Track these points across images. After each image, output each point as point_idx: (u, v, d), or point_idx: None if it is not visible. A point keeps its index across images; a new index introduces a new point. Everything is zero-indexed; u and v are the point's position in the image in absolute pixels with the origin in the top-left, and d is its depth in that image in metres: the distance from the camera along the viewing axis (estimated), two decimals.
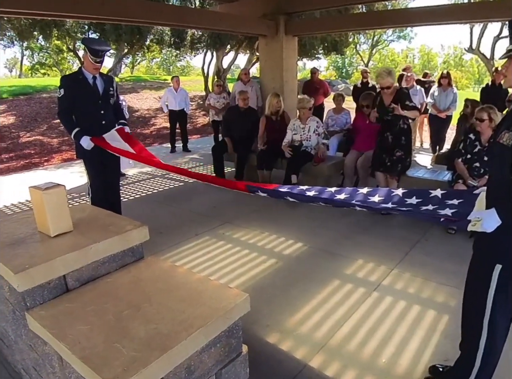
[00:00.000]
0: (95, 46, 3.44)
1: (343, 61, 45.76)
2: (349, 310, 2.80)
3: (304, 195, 2.21)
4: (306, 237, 4.06)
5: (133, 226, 2.07)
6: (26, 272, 1.66)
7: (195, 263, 3.56)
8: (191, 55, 17.09)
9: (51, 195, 1.91)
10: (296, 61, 7.71)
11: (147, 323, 1.56)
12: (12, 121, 12.30)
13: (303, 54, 15.48)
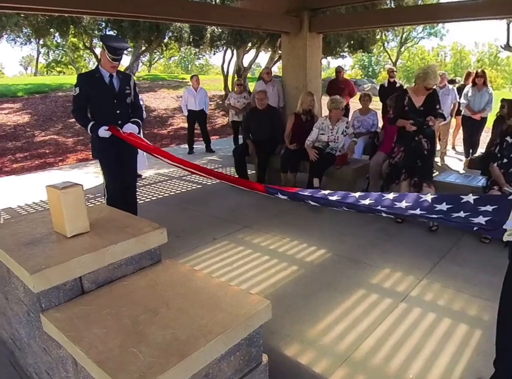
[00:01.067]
0: (113, 44, 3.50)
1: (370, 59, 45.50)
2: (374, 321, 2.77)
3: (327, 199, 2.19)
4: (330, 243, 4.04)
5: (151, 228, 2.09)
6: (42, 272, 1.70)
7: (213, 268, 3.58)
8: (210, 53, 17.26)
9: (68, 194, 1.96)
10: (320, 59, 7.70)
11: (164, 328, 1.58)
12: (27, 120, 12.60)
13: (327, 52, 15.44)
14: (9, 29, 12.04)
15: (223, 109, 14.81)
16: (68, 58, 30.58)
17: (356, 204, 2.09)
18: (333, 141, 5.30)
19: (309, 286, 3.25)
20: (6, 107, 13.34)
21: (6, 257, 1.95)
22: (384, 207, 2.01)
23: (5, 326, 2.55)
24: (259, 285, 3.27)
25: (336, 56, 17.91)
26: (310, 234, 4.26)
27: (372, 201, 2.09)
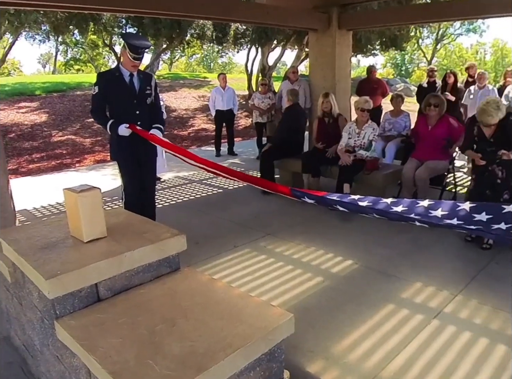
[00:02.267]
0: (134, 42, 3.56)
1: (403, 57, 45.05)
2: (404, 338, 2.74)
3: (356, 204, 2.18)
4: (357, 254, 4.01)
5: (170, 234, 2.12)
6: (57, 278, 1.74)
7: (233, 278, 3.59)
8: (234, 51, 17.41)
9: (86, 198, 2.00)
10: (350, 58, 7.68)
11: (182, 339, 1.59)
12: (44, 119, 12.92)
13: (357, 50, 15.38)
14: (27, 26, 12.39)
15: (246, 110, 14.88)
16: (87, 56, 31.28)
17: (388, 211, 2.06)
18: (360, 147, 5.26)
19: (334, 298, 3.23)
20: (24, 106, 13.71)
21: (21, 261, 2.00)
22: (418, 215, 1.98)
23: (18, 332, 2.61)
24: (282, 297, 3.27)
25: (367, 54, 17.83)
26: (337, 243, 4.24)
27: (405, 208, 2.06)
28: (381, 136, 6.45)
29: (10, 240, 2.21)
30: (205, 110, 14.69)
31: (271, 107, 8.19)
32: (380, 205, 2.14)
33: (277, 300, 3.21)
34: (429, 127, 5.09)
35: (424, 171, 4.84)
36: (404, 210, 2.04)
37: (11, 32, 13.88)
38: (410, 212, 2.02)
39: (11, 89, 15.19)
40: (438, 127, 5.04)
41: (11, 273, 2.32)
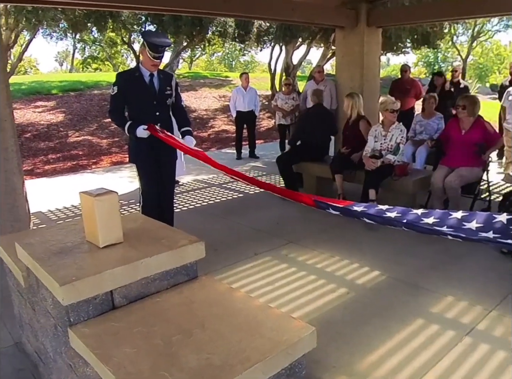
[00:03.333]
0: (154, 40, 3.59)
1: (436, 55, 44.48)
2: (434, 356, 2.70)
3: (383, 216, 2.16)
4: (385, 264, 3.97)
5: (188, 240, 2.14)
6: (72, 284, 1.78)
7: (253, 287, 3.60)
8: (256, 49, 17.44)
9: (103, 202, 2.03)
10: (379, 56, 7.63)
11: (198, 351, 1.61)
12: (60, 119, 13.19)
13: (387, 48, 15.25)
14: (45, 23, 12.66)
15: (269, 111, 14.91)
16: (105, 54, 31.80)
17: (418, 223, 2.04)
18: (387, 150, 5.22)
19: (359, 312, 3.21)
20: (40, 105, 14.02)
21: (35, 265, 2.04)
22: (450, 227, 1.95)
23: (30, 338, 2.67)
24: (303, 308, 3.26)
25: (397, 53, 17.66)
26: (363, 253, 4.21)
27: (436, 219, 2.03)
28: (411, 139, 6.40)
29: (25, 244, 2.27)
30: (226, 111, 14.78)
31: (294, 109, 8.19)
32: (409, 215, 2.11)
33: (298, 311, 3.21)
34: (462, 131, 4.99)
35: (455, 180, 4.75)
36: (436, 221, 2.01)
37: (28, 30, 14.20)
38: (442, 223, 1.99)
39: (28, 88, 15.56)
40: (472, 132, 4.93)
41: (25, 278, 2.38)
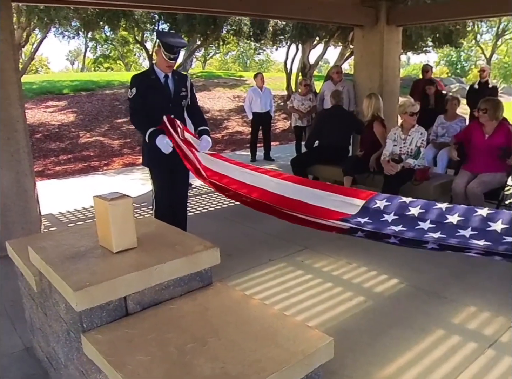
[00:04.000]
0: (170, 40, 3.62)
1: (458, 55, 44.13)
2: (454, 369, 2.68)
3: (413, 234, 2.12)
4: (404, 272, 3.96)
5: (203, 246, 2.16)
6: (86, 290, 1.81)
7: (267, 294, 3.61)
8: (272, 48, 17.48)
9: (117, 206, 2.06)
10: (399, 56, 7.61)
11: (213, 360, 1.62)
12: (72, 119, 13.36)
13: (407, 47, 15.18)
14: (57, 22, 12.84)
15: (285, 112, 14.93)
16: (117, 52, 32.11)
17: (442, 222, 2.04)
18: (406, 154, 5.20)
19: (377, 321, 3.20)
20: (51, 105, 14.21)
21: (48, 270, 2.08)
22: (475, 229, 1.95)
23: (41, 344, 2.71)
24: (319, 317, 3.27)
25: (418, 52, 17.56)
26: (381, 260, 4.19)
27: (461, 217, 2.02)
28: (433, 142, 6.37)
29: (38, 247, 2.31)
30: (240, 112, 14.84)
31: (311, 110, 8.19)
32: (432, 212, 2.12)
33: (314, 320, 3.21)
34: (485, 136, 4.92)
35: (477, 186, 4.71)
36: (460, 220, 2.01)
37: (40, 29, 14.42)
38: (466, 223, 1.99)
39: (39, 88, 15.78)
40: (496, 136, 4.87)
41: (37, 282, 2.42)
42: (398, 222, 2.19)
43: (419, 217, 2.13)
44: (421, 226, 2.10)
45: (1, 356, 2.89)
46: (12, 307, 3.46)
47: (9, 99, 4.32)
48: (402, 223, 2.17)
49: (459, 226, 1.99)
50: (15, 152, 4.43)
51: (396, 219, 2.20)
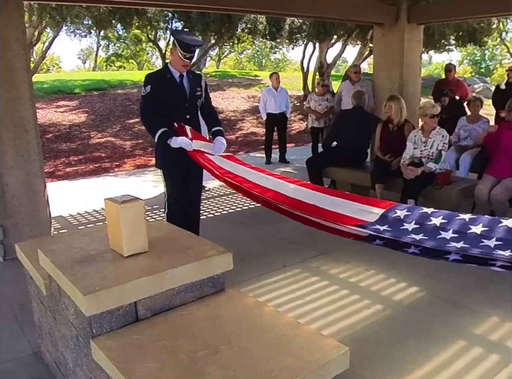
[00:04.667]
0: (186, 40, 3.62)
1: (483, 53, 43.72)
2: None
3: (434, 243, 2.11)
4: (424, 280, 3.93)
5: (216, 251, 2.17)
6: (96, 294, 1.83)
7: (281, 301, 3.61)
8: (288, 47, 17.49)
9: (128, 209, 2.08)
10: (421, 55, 7.58)
11: (225, 368, 1.63)
12: (83, 119, 13.50)
13: (429, 45, 15.11)
14: (69, 20, 13.00)
15: (301, 113, 14.92)
16: (130, 51, 32.38)
17: (466, 232, 2.04)
18: (427, 157, 5.17)
19: (395, 330, 3.18)
20: (62, 105, 14.38)
21: (58, 274, 2.11)
22: (501, 240, 1.94)
23: (50, 348, 2.74)
24: (335, 325, 3.26)
25: (440, 50, 17.46)
26: (400, 267, 4.16)
27: (485, 228, 2.01)
28: (455, 145, 6.32)
29: (47, 250, 2.34)
30: (255, 112, 14.86)
31: (328, 111, 8.18)
32: (455, 222, 2.11)
33: (330, 328, 3.20)
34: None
35: (501, 192, 4.65)
36: (485, 230, 2.00)
37: (52, 27, 14.61)
38: (491, 233, 1.98)
39: (50, 87, 15.98)
40: None
41: (46, 286, 2.45)
42: (418, 231, 2.18)
43: (441, 227, 2.12)
44: (443, 235, 2.09)
45: (9, 360, 2.93)
46: (21, 311, 3.50)
47: (20, 99, 4.38)
48: (423, 232, 2.17)
49: (483, 236, 1.98)
50: (25, 153, 4.49)
51: (417, 228, 2.20)
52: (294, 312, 3.42)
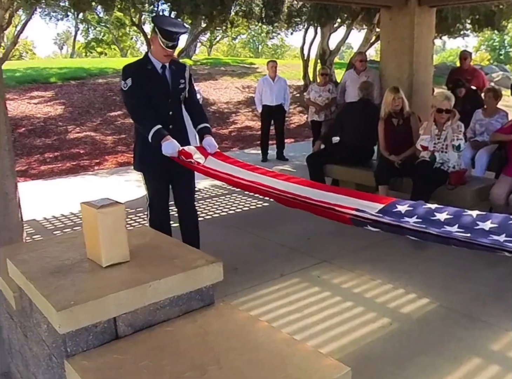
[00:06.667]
0: (168, 27, 3.54)
1: (502, 39, 43.86)
2: None
3: (437, 230, 2.16)
4: (435, 291, 3.94)
5: (205, 261, 2.16)
6: (71, 309, 1.82)
7: (277, 314, 3.61)
8: (287, 31, 17.51)
9: (107, 215, 2.07)
10: (433, 40, 7.58)
11: None
12: (59, 112, 13.46)
13: (443, 30, 15.15)
14: (44, 2, 12.95)
15: (301, 105, 14.93)
16: (112, 36, 32.35)
17: (473, 229, 2.08)
18: (441, 152, 5.17)
19: (404, 347, 3.19)
20: (37, 95, 14.33)
21: (29, 286, 2.10)
22: (511, 236, 1.96)
23: (20, 368, 2.73)
24: (337, 341, 3.26)
25: (455, 36, 17.51)
26: (410, 276, 4.18)
27: (494, 224, 2.04)
28: (470, 141, 6.33)
29: (18, 260, 2.32)
30: (250, 104, 14.86)
31: (330, 103, 8.18)
32: (463, 219, 2.14)
33: (331, 345, 3.21)
34: None
35: None
36: (494, 227, 2.03)
37: (25, 9, 14.57)
38: (501, 230, 2.00)
39: (23, 76, 15.93)
40: None
41: (16, 299, 2.43)
42: (421, 224, 2.20)
43: (446, 222, 2.14)
44: (448, 229, 2.11)
45: None
46: None
47: None
48: (426, 225, 2.19)
49: (491, 232, 2.00)
50: None
51: (419, 221, 2.21)
52: (291, 326, 3.42)
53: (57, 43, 51.77)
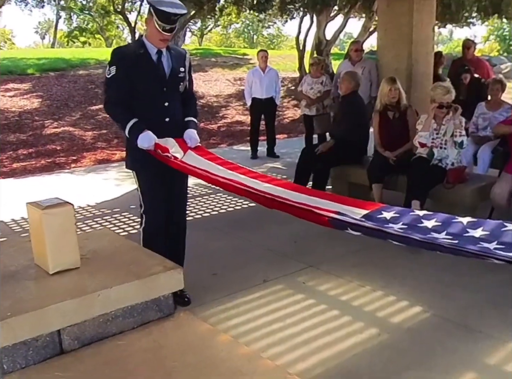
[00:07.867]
0: (165, 7, 3.36)
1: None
2: None
3: (422, 236, 2.15)
4: (429, 298, 3.89)
5: (163, 267, 2.11)
6: (6, 321, 1.75)
7: (257, 324, 3.54)
8: (281, 20, 17.49)
9: (53, 216, 2.00)
10: (433, 29, 7.54)
11: None
12: (36, 105, 13.41)
13: (446, 18, 15.13)
14: None
15: (295, 98, 14.89)
16: (96, 25, 32.28)
17: (462, 236, 2.08)
18: (439, 148, 5.12)
19: (393, 360, 3.13)
20: (12, 88, 14.29)
21: None
22: (503, 244, 1.95)
23: None
24: (320, 353, 3.19)
25: (461, 24, 17.53)
26: (402, 283, 4.14)
27: (486, 231, 2.02)
28: (472, 136, 6.29)
29: None
30: (241, 97, 14.83)
31: (322, 96, 8.12)
32: (452, 227, 2.15)
33: (312, 358, 3.13)
34: None
35: None
36: (485, 234, 2.03)
37: None
38: (492, 238, 2.01)
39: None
40: None
41: None
42: (405, 230, 2.20)
43: (433, 229, 2.13)
44: (434, 235, 2.11)
45: None
46: None
47: None
48: (411, 231, 2.19)
49: (482, 239, 1.99)
50: None
51: (404, 228, 2.21)
52: (271, 337, 3.34)
53: (39, 33, 51.69)
